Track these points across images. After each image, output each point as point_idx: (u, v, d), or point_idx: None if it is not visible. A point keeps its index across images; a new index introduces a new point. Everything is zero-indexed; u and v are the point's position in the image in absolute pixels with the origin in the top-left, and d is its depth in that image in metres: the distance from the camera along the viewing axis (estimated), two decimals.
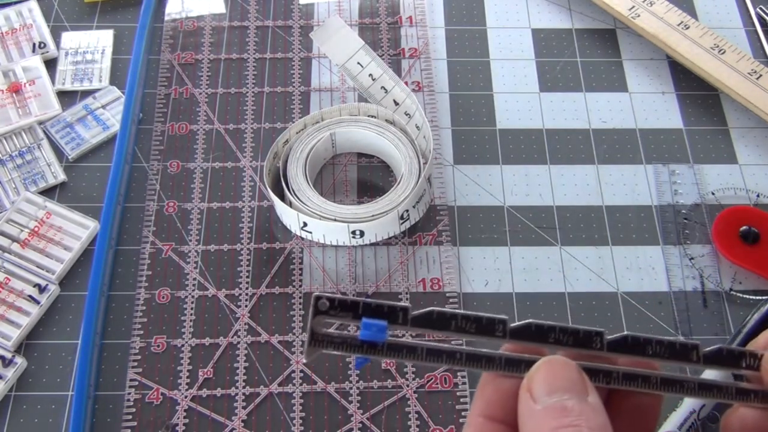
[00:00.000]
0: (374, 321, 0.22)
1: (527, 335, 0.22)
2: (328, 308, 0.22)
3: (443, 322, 0.22)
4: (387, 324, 0.22)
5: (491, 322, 0.22)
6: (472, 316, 0.22)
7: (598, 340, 0.22)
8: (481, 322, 0.22)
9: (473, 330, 0.22)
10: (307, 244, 0.49)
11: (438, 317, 0.22)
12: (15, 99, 0.54)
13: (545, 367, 0.21)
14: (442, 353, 0.23)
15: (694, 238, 0.50)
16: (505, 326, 0.22)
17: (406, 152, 0.50)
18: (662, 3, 0.58)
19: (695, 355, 0.23)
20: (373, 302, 0.22)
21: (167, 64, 0.56)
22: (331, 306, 0.22)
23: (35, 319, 0.46)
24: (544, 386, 0.21)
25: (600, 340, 0.22)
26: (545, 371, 0.21)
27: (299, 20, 0.59)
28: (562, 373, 0.21)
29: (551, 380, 0.21)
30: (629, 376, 0.22)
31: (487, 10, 0.60)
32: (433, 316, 0.22)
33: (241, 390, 0.44)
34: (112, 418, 0.43)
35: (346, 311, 0.22)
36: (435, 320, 0.22)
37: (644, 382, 0.22)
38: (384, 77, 0.52)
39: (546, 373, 0.21)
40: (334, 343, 0.22)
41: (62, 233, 0.48)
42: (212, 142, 0.53)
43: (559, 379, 0.21)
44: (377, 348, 0.22)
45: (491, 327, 0.22)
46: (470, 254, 0.49)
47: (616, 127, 0.55)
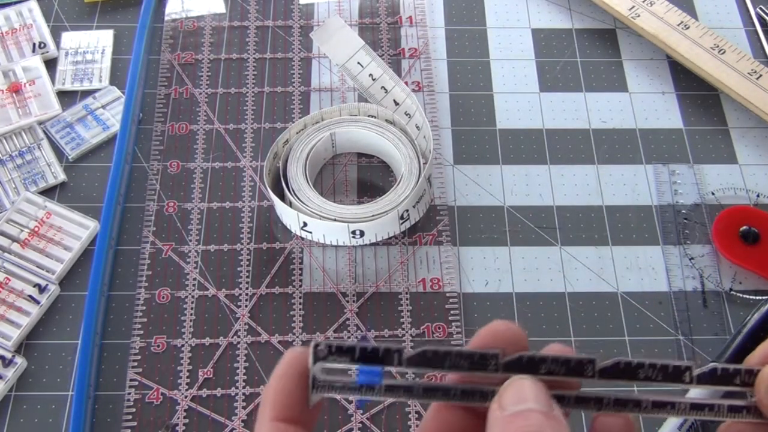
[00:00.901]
0: (370, 368, 0.23)
1: (519, 368, 0.23)
2: (327, 354, 0.23)
3: (437, 360, 0.23)
4: (382, 369, 0.23)
5: (483, 357, 0.23)
6: (464, 353, 0.23)
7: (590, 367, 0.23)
8: (474, 358, 0.23)
9: (466, 366, 0.23)
10: (307, 244, 0.49)
11: (432, 356, 0.23)
12: (15, 99, 0.54)
13: (514, 384, 0.23)
14: (438, 390, 0.24)
15: (694, 238, 0.50)
16: (498, 360, 0.23)
17: (406, 152, 0.50)
18: (662, 3, 0.58)
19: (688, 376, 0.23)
20: (369, 347, 0.23)
21: (167, 64, 0.56)
22: (329, 352, 0.23)
23: (35, 319, 0.46)
24: (513, 398, 0.22)
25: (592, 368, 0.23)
26: (514, 387, 0.23)
27: (299, 20, 0.59)
28: (530, 388, 0.23)
29: (519, 393, 0.22)
30: (620, 402, 0.23)
31: (487, 10, 0.60)
32: (427, 355, 0.23)
33: (241, 390, 0.44)
34: (112, 418, 0.43)
35: (343, 356, 0.23)
36: (429, 359, 0.23)
37: (635, 407, 0.23)
38: (384, 77, 0.52)
39: (515, 388, 0.23)
40: (335, 388, 0.23)
41: (62, 233, 0.48)
42: (212, 142, 0.53)
43: (527, 393, 0.22)
44: (375, 389, 0.23)
45: (484, 362, 0.23)
46: (470, 254, 0.49)
47: (616, 127, 0.55)
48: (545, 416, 0.22)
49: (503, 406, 0.22)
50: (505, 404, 0.22)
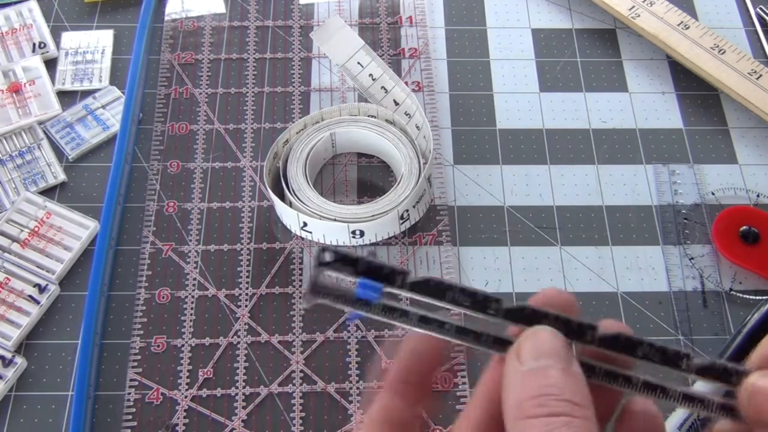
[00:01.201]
0: (371, 282, 0.23)
1: (520, 318, 0.23)
2: (332, 260, 0.23)
3: (439, 291, 0.23)
4: (383, 286, 0.23)
5: (486, 299, 0.23)
6: (468, 290, 0.23)
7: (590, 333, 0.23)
8: (476, 298, 0.23)
9: (467, 304, 0.23)
10: (307, 244, 0.49)
11: (435, 286, 0.23)
12: (15, 99, 0.54)
13: (534, 335, 0.22)
14: (432, 322, 0.23)
15: (694, 238, 0.50)
16: (500, 305, 0.23)
17: (406, 152, 0.50)
18: (662, 3, 0.58)
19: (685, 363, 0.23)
20: (374, 262, 0.23)
21: (167, 64, 0.56)
22: (333, 259, 0.23)
23: (35, 319, 0.46)
24: (532, 351, 0.22)
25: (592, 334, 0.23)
26: (533, 338, 0.22)
27: (299, 20, 0.59)
28: (550, 341, 0.22)
29: (539, 346, 0.22)
30: (611, 374, 0.23)
31: (487, 10, 0.60)
32: (430, 284, 0.23)
33: (241, 390, 0.44)
34: (112, 418, 0.43)
35: (347, 266, 0.23)
36: (432, 288, 0.23)
37: (625, 382, 0.23)
38: (384, 77, 0.52)
39: (534, 340, 0.22)
40: (332, 295, 0.23)
41: (62, 233, 0.48)
42: (212, 142, 0.53)
43: (546, 347, 0.22)
44: (372, 306, 0.23)
45: (485, 303, 0.23)
46: (470, 254, 0.49)
47: (616, 127, 0.55)
48: (564, 373, 0.21)
49: (521, 358, 0.22)
50: (524, 357, 0.22)
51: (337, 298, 0.23)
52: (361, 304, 0.23)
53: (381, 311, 0.23)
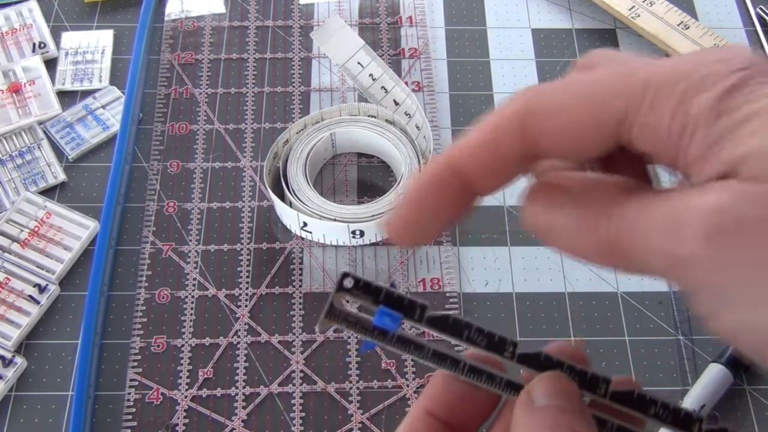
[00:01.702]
0: (391, 311, 0.23)
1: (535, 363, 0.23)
2: (352, 287, 0.23)
3: (457, 329, 0.23)
4: (402, 317, 0.23)
5: (502, 341, 0.23)
6: (485, 331, 0.23)
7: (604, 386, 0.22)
8: (493, 339, 0.23)
9: (483, 344, 0.23)
10: (307, 244, 0.49)
11: (453, 323, 0.23)
12: (15, 99, 0.54)
13: (547, 377, 0.22)
14: (447, 358, 0.23)
15: None
16: (515, 349, 0.23)
17: (406, 152, 0.50)
18: (662, 3, 0.58)
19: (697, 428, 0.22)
20: (396, 293, 0.23)
21: (167, 64, 0.56)
22: (355, 286, 0.23)
23: (35, 319, 0.46)
24: (545, 391, 0.21)
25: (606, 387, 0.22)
26: (547, 380, 0.22)
27: (299, 20, 0.59)
28: (563, 384, 0.22)
29: (552, 387, 0.22)
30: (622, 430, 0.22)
31: (487, 10, 0.60)
32: (448, 321, 0.23)
33: (241, 390, 0.44)
34: (112, 418, 0.43)
35: (368, 294, 0.23)
36: (449, 325, 0.23)
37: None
38: (384, 77, 0.52)
39: (548, 381, 0.22)
40: (349, 321, 0.23)
41: (62, 233, 0.48)
42: (212, 142, 0.53)
43: (560, 388, 0.22)
44: (387, 337, 0.23)
45: (502, 345, 0.23)
46: (470, 254, 0.49)
47: None
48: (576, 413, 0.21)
49: (534, 396, 0.22)
50: (536, 396, 0.22)
51: (353, 325, 0.23)
52: (377, 334, 0.23)
53: (396, 343, 0.23)
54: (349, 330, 0.23)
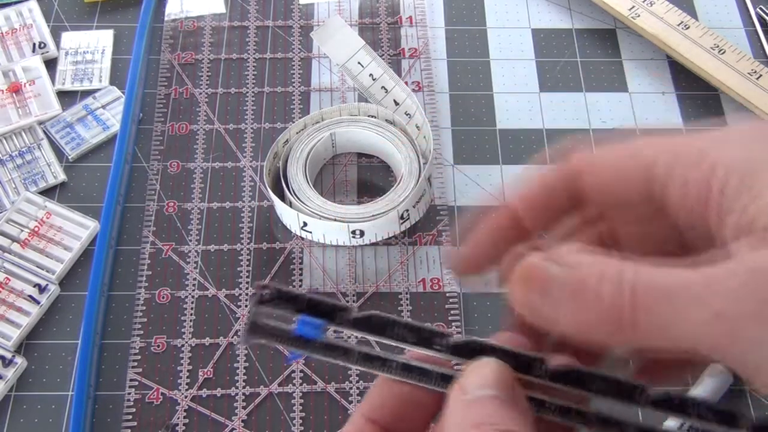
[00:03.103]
0: (312, 319, 0.22)
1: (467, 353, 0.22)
2: (272, 298, 0.22)
3: (382, 327, 0.22)
4: (324, 323, 0.22)
5: (432, 334, 0.22)
6: (413, 326, 0.22)
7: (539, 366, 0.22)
8: (421, 334, 0.22)
9: (413, 340, 0.22)
10: (307, 244, 0.49)
11: (377, 322, 0.22)
12: (15, 99, 0.54)
13: (479, 366, 0.22)
14: (376, 360, 0.22)
15: None
16: (447, 341, 0.22)
17: (406, 152, 0.50)
18: (662, 3, 0.58)
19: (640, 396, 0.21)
20: (316, 299, 0.22)
21: (167, 64, 0.56)
22: (274, 297, 0.22)
23: (35, 319, 0.46)
24: (476, 381, 0.21)
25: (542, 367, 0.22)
26: (479, 369, 0.21)
27: (299, 20, 0.59)
28: (495, 372, 0.21)
29: (484, 377, 0.21)
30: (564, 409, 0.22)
31: (487, 10, 0.60)
32: (372, 320, 0.22)
33: (241, 390, 0.44)
34: (112, 418, 0.43)
35: (288, 304, 0.22)
36: (374, 325, 0.22)
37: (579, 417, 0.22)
38: (384, 77, 0.52)
39: (479, 370, 0.21)
40: (272, 335, 0.22)
41: (62, 233, 0.48)
42: (212, 142, 0.53)
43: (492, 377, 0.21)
44: (312, 345, 0.22)
45: (431, 339, 0.22)
46: None
47: (616, 127, 0.55)
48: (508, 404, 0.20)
49: (465, 388, 0.21)
50: (467, 387, 0.21)
51: (276, 338, 0.22)
52: (301, 343, 0.22)
53: (322, 350, 0.22)
54: (273, 343, 0.22)
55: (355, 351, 0.22)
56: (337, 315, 0.22)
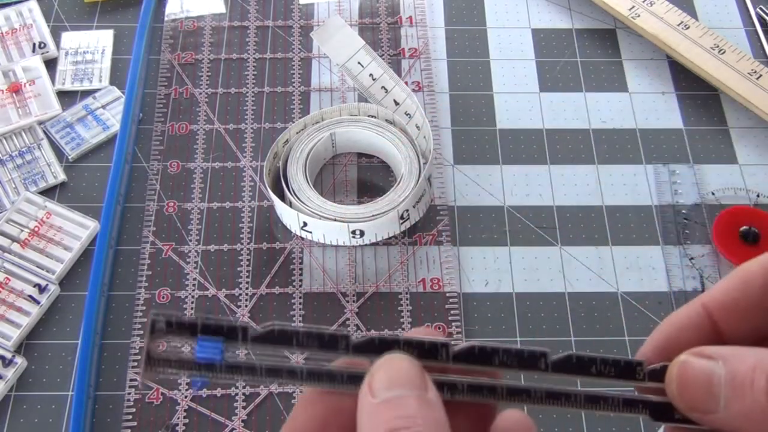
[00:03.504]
0: (210, 341, 0.22)
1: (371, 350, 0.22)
2: (166, 328, 0.22)
3: (285, 339, 0.22)
4: (223, 343, 0.22)
5: (333, 337, 0.22)
6: (314, 333, 0.22)
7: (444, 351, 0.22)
8: (324, 339, 0.22)
9: (316, 346, 0.22)
10: (307, 244, 0.49)
11: (279, 334, 0.22)
12: (15, 99, 0.54)
13: (386, 363, 0.21)
14: (282, 371, 0.22)
15: (694, 238, 0.50)
16: (348, 342, 0.22)
17: (406, 152, 0.50)
18: (662, 3, 0.58)
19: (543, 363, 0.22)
20: (213, 321, 0.22)
21: (167, 64, 0.56)
22: (168, 326, 0.22)
23: (35, 319, 0.46)
24: (384, 381, 0.21)
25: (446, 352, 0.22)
26: (386, 367, 0.21)
27: (299, 20, 0.59)
28: (403, 369, 0.21)
29: (391, 375, 0.21)
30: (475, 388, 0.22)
31: (487, 10, 0.60)
32: (274, 333, 0.22)
33: (241, 390, 0.44)
34: (112, 418, 0.43)
35: (184, 330, 0.22)
36: (276, 338, 0.22)
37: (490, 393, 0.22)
38: (384, 77, 0.52)
39: (386, 368, 0.21)
40: (171, 364, 0.22)
41: (62, 233, 0.48)
42: (212, 142, 0.53)
43: (400, 375, 0.21)
44: (215, 368, 0.22)
45: (334, 342, 0.22)
46: (470, 254, 0.49)
47: (616, 127, 0.55)
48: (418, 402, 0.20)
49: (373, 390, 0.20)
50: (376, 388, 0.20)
51: (177, 366, 0.22)
52: (204, 368, 0.22)
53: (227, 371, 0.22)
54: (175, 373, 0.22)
55: (260, 366, 0.22)
56: (238, 333, 0.22)
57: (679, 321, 0.23)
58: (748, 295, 0.22)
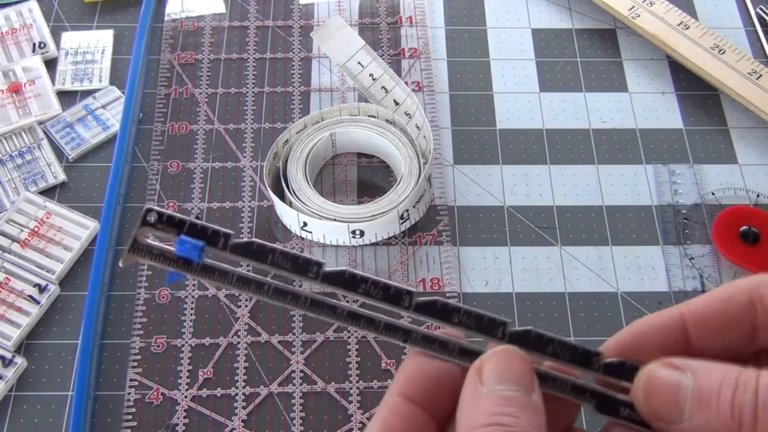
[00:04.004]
0: (191, 239, 0.22)
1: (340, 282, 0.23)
2: (156, 221, 0.23)
3: (262, 254, 0.23)
4: (204, 245, 0.22)
5: (306, 262, 0.23)
6: (289, 254, 0.23)
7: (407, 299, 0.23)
8: (297, 261, 0.23)
9: (287, 267, 0.23)
10: (307, 244, 0.49)
11: (257, 249, 0.23)
12: (15, 99, 0.54)
13: (501, 355, 0.22)
14: (251, 282, 0.23)
15: (694, 238, 0.50)
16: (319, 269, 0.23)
17: (406, 152, 0.50)
18: (662, 3, 0.58)
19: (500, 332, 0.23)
20: (199, 223, 0.23)
21: (167, 64, 0.56)
22: (159, 220, 0.22)
23: (35, 319, 0.46)
24: (496, 373, 0.21)
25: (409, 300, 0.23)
26: (500, 359, 0.22)
27: (299, 20, 0.59)
28: (515, 365, 0.22)
29: (504, 369, 0.21)
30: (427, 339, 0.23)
31: (487, 10, 0.60)
32: (253, 246, 0.23)
33: (241, 390, 0.44)
34: (112, 418, 0.43)
35: (172, 227, 0.22)
36: (254, 251, 0.23)
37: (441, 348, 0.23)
38: (384, 77, 0.52)
39: (500, 361, 0.22)
40: (152, 254, 0.23)
41: (62, 233, 0.48)
42: (212, 142, 0.53)
43: (512, 371, 0.21)
44: (191, 266, 0.23)
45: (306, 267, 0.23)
46: (470, 254, 0.49)
47: (616, 127, 0.55)
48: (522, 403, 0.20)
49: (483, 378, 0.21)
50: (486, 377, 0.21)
51: (156, 257, 0.23)
52: (181, 264, 0.23)
53: (201, 272, 0.23)
54: (152, 262, 0.23)
55: (233, 273, 0.23)
56: (219, 239, 0.23)
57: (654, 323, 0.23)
58: (729, 311, 0.22)
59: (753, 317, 0.22)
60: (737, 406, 0.19)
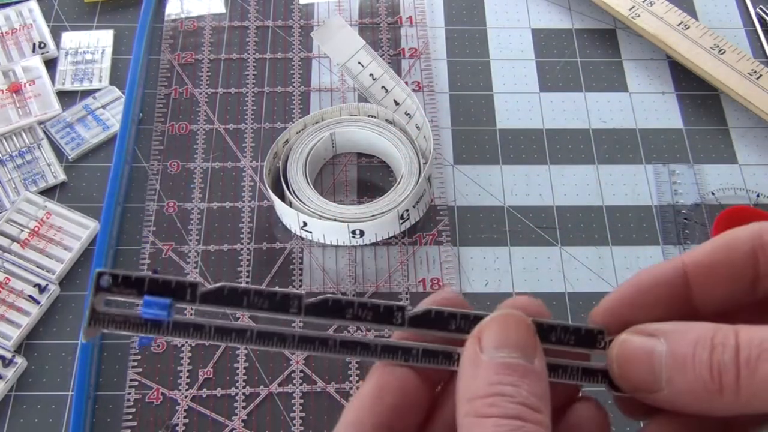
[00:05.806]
0: (157, 299, 0.21)
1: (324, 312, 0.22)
2: (111, 285, 0.21)
3: (235, 298, 0.21)
4: (172, 301, 0.21)
5: (285, 297, 0.22)
6: (265, 292, 0.22)
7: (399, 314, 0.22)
8: (275, 298, 0.22)
9: (266, 306, 0.22)
10: (307, 244, 0.49)
11: (229, 293, 0.21)
12: (15, 99, 0.54)
13: (501, 320, 0.21)
14: (231, 331, 0.22)
15: (694, 238, 0.50)
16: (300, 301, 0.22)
17: (406, 152, 0.50)
18: (662, 3, 0.58)
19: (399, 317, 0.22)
20: (160, 278, 0.21)
21: (167, 64, 0.56)
22: (114, 283, 0.21)
23: (35, 319, 0.46)
24: (495, 338, 0.20)
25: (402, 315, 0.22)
26: (499, 324, 0.21)
27: (299, 20, 0.59)
28: (516, 330, 0.21)
29: (504, 334, 0.20)
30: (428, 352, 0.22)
31: (487, 10, 0.60)
32: (224, 292, 0.21)
33: (241, 390, 0.44)
34: (112, 418, 0.43)
35: (130, 288, 0.21)
36: (226, 296, 0.21)
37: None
38: (385, 77, 0.52)
39: (500, 326, 0.21)
40: (116, 322, 0.21)
41: (62, 233, 0.48)
42: (212, 142, 0.53)
43: (512, 336, 0.20)
44: (162, 327, 0.21)
45: (285, 303, 0.22)
46: (470, 254, 0.49)
47: (616, 127, 0.55)
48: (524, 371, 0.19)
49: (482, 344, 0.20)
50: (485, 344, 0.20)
51: (122, 325, 0.21)
52: (150, 326, 0.21)
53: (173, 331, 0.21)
54: (119, 331, 0.21)
55: (209, 325, 0.22)
56: (186, 292, 0.21)
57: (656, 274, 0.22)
58: (731, 259, 0.21)
59: (755, 265, 0.21)
60: (716, 368, 0.18)
